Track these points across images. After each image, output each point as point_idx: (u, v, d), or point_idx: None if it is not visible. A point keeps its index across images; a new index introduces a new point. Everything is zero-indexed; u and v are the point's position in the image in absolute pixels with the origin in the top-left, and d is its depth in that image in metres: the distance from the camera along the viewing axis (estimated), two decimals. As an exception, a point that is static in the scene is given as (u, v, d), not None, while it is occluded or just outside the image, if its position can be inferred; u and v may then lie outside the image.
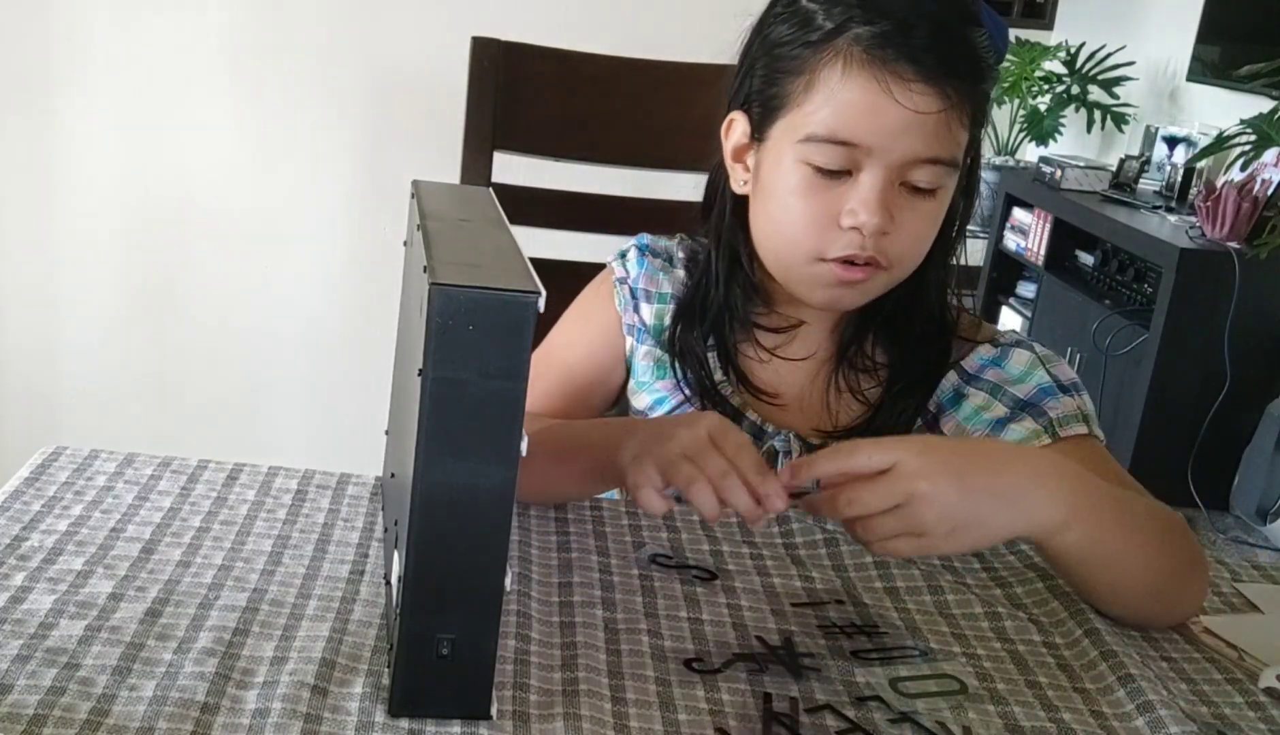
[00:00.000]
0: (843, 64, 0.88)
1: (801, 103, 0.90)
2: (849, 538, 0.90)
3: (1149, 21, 3.90)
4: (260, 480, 0.90)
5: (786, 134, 0.91)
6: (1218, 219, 2.96)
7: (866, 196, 0.88)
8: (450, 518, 0.60)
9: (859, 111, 0.87)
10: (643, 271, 1.04)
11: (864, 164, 0.88)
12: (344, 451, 2.48)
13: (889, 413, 0.98)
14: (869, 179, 0.88)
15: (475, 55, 1.29)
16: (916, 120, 0.87)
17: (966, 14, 0.91)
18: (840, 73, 0.88)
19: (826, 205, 0.90)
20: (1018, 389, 0.95)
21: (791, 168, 0.91)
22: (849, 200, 0.89)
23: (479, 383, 0.59)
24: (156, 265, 2.38)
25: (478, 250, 0.67)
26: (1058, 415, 0.93)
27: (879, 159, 0.88)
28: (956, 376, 0.98)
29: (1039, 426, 0.92)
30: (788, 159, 0.91)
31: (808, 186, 0.90)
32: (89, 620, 0.69)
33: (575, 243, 1.30)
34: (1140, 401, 3.04)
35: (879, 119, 0.87)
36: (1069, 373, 0.97)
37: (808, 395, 1.01)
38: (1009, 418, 0.94)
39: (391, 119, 2.31)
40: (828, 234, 0.90)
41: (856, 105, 0.87)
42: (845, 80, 0.88)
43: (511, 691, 0.66)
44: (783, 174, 0.92)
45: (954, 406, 0.98)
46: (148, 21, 2.22)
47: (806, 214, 0.91)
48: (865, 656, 0.74)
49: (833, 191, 0.90)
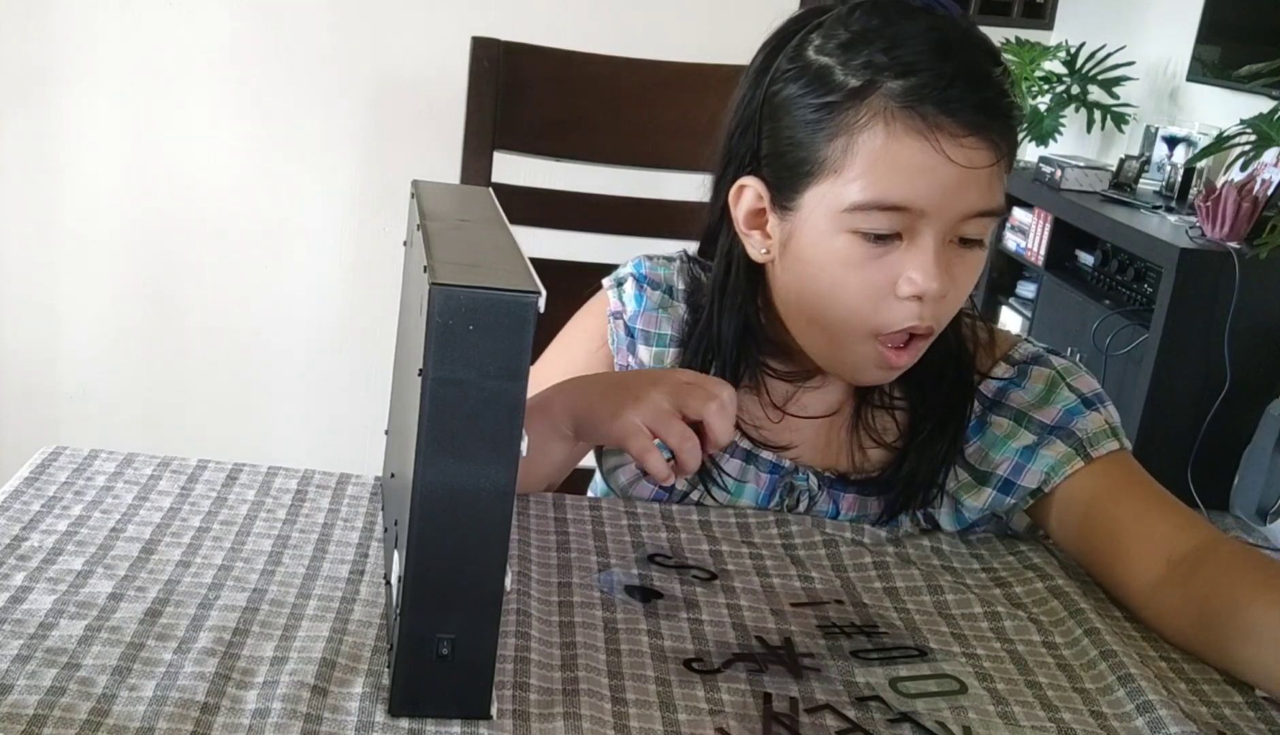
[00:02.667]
0: (884, 124, 0.82)
1: (840, 168, 0.84)
2: (848, 539, 0.90)
3: (1149, 21, 3.90)
4: (260, 480, 0.90)
5: (825, 201, 0.85)
6: (1218, 219, 2.96)
7: (925, 261, 0.83)
8: (450, 518, 0.60)
9: (911, 173, 0.82)
10: (641, 310, 1.00)
11: (918, 226, 0.83)
12: (344, 451, 2.48)
13: (917, 458, 0.93)
14: (926, 242, 0.83)
15: (475, 55, 1.29)
16: (971, 176, 0.82)
17: (989, 51, 0.86)
18: (884, 133, 0.82)
19: (881, 273, 0.84)
20: (1043, 414, 0.92)
21: (837, 238, 0.85)
22: (905, 266, 0.84)
23: (479, 383, 0.59)
24: (156, 265, 2.38)
25: (478, 250, 0.67)
26: (1087, 435, 0.90)
27: (934, 220, 0.83)
28: (977, 403, 0.94)
29: (1069, 448, 0.90)
30: (830, 229, 0.85)
31: (859, 256, 0.84)
32: (89, 620, 0.69)
33: (575, 243, 1.30)
34: (1140, 401, 3.04)
35: (934, 179, 0.82)
36: (1090, 383, 0.94)
37: (825, 441, 0.97)
38: (1038, 444, 0.91)
39: (391, 119, 2.31)
40: (884, 304, 0.85)
41: (908, 167, 0.82)
42: (890, 141, 0.82)
43: (511, 690, 0.66)
44: (827, 246, 0.85)
45: (977, 434, 0.94)
46: (148, 22, 2.22)
47: (862, 285, 0.85)
48: (865, 656, 0.74)
49: (886, 258, 0.84)
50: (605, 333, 1.01)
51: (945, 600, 0.83)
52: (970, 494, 0.93)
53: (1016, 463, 0.92)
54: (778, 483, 0.96)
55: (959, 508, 0.94)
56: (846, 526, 0.93)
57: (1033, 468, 0.91)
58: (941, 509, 0.94)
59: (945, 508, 0.94)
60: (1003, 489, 0.92)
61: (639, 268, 1.02)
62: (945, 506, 0.94)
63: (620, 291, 1.01)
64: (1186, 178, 3.38)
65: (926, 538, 0.92)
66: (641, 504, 0.94)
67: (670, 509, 0.93)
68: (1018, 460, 0.92)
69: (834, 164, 0.84)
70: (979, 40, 0.86)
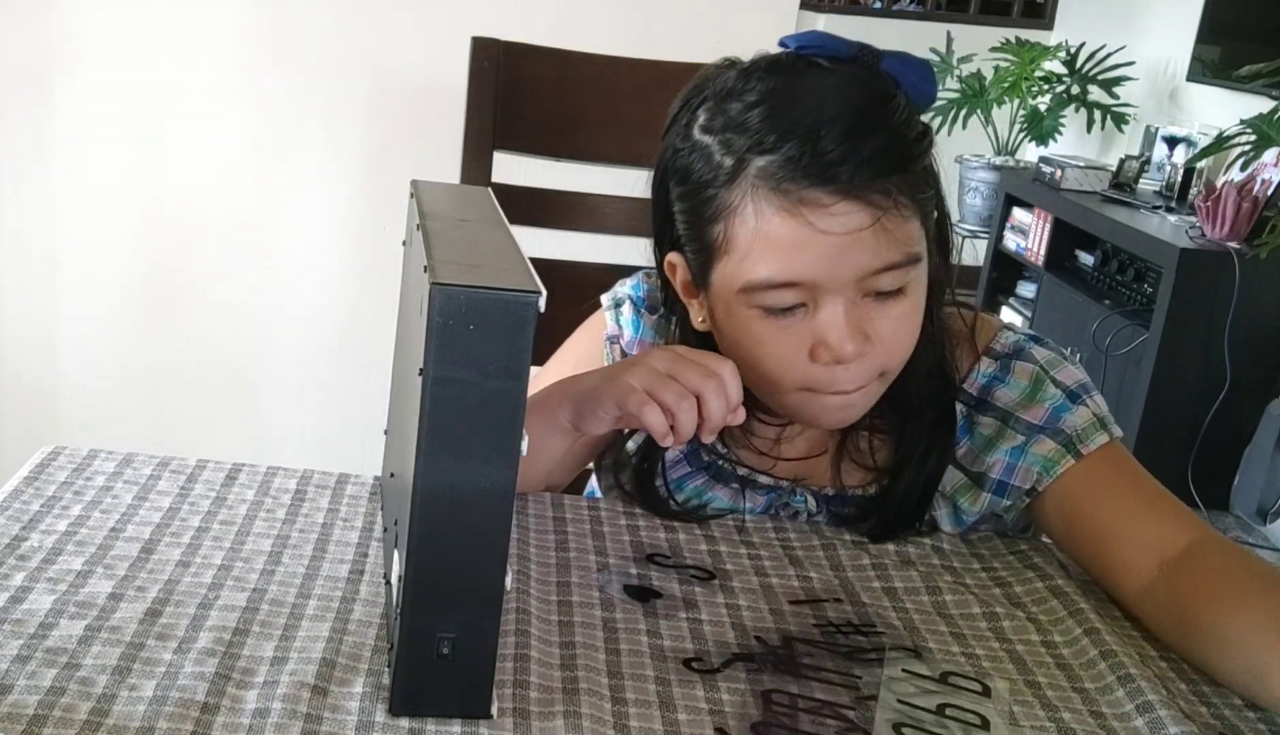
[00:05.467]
0: (752, 204, 0.80)
1: (728, 251, 0.83)
2: (847, 541, 0.90)
3: (1149, 21, 3.90)
4: (259, 480, 0.90)
5: (725, 281, 0.84)
6: (1218, 219, 2.96)
7: (835, 329, 0.82)
8: (450, 517, 0.60)
9: (788, 251, 0.80)
10: (638, 336, 0.99)
11: (819, 297, 0.81)
12: (343, 451, 2.47)
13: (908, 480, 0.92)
14: (829, 311, 0.82)
15: (475, 55, 1.29)
16: (852, 240, 0.79)
17: (876, 94, 0.82)
18: (753, 215, 0.80)
19: (795, 340, 0.83)
20: (1030, 414, 0.91)
21: (744, 315, 0.84)
22: (815, 333, 0.82)
23: (479, 383, 0.59)
24: (156, 265, 2.38)
25: (478, 250, 0.67)
26: (1076, 431, 0.89)
27: (830, 288, 0.81)
28: (962, 404, 0.93)
29: (1059, 446, 0.90)
30: (737, 307, 0.84)
31: (768, 331, 0.83)
32: (89, 620, 0.69)
33: (575, 243, 1.30)
34: (1140, 401, 3.04)
35: (810, 252, 0.79)
36: (1074, 374, 0.92)
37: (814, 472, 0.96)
38: (1026, 443, 0.91)
39: (391, 119, 2.31)
40: (807, 369, 0.84)
41: (782, 245, 0.80)
42: (760, 222, 0.80)
43: (512, 689, 0.66)
44: (738, 323, 0.85)
45: (966, 435, 0.93)
46: (148, 22, 2.22)
47: (779, 356, 0.84)
48: (864, 656, 0.74)
49: (795, 327, 0.83)
50: (601, 356, 1.00)
51: (944, 600, 0.83)
52: (966, 496, 0.93)
53: (1008, 463, 0.92)
54: (774, 501, 0.96)
55: (957, 510, 0.93)
56: (845, 530, 0.93)
57: (1024, 467, 0.91)
58: (940, 511, 0.94)
59: (944, 510, 0.94)
60: (997, 491, 0.92)
61: (637, 290, 1.01)
62: (944, 509, 0.94)
63: (618, 314, 1.00)
64: (1186, 178, 3.37)
65: (927, 537, 0.92)
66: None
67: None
68: (1009, 460, 0.92)
69: (721, 246, 0.83)
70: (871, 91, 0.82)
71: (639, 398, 0.82)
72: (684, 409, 0.81)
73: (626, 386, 0.84)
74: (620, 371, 0.86)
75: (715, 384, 0.82)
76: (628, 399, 0.83)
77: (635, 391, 0.83)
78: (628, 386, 0.83)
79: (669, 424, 0.82)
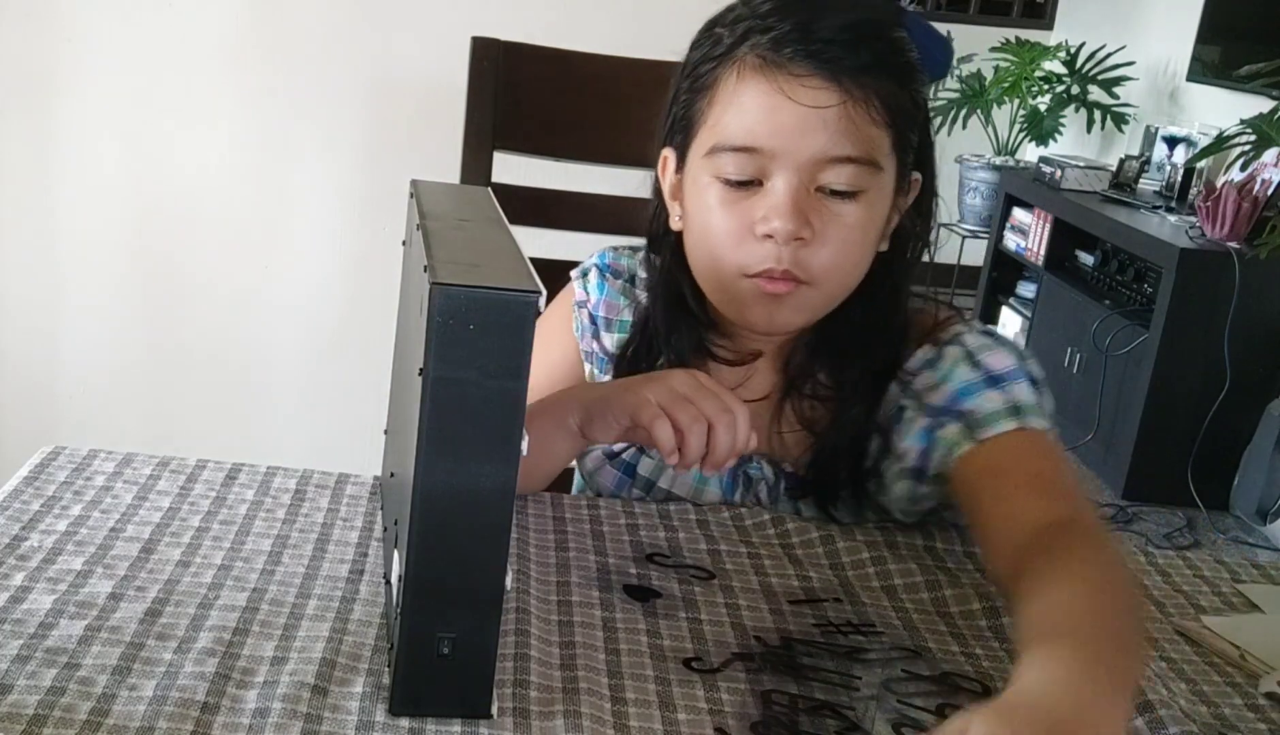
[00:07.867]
0: (738, 72, 0.87)
1: (707, 118, 0.89)
2: (845, 536, 0.90)
3: (1149, 21, 3.90)
4: (259, 480, 0.90)
5: (698, 153, 0.90)
6: (1218, 219, 2.96)
7: (776, 202, 0.86)
8: (450, 517, 0.60)
9: (756, 114, 0.86)
10: (603, 298, 1.02)
11: (772, 170, 0.86)
12: (343, 451, 2.47)
13: (833, 437, 0.93)
14: (779, 183, 0.86)
15: (475, 55, 1.29)
16: (816, 116, 0.84)
17: (880, 13, 0.89)
18: (736, 79, 0.87)
19: (741, 216, 0.88)
20: (934, 396, 0.90)
21: (706, 185, 0.89)
22: (761, 208, 0.87)
23: (479, 382, 0.59)
24: (156, 265, 2.38)
25: (478, 250, 0.67)
26: (978, 416, 0.88)
27: (786, 162, 0.86)
28: (898, 387, 0.93)
29: (960, 428, 0.88)
30: (703, 177, 0.90)
31: (721, 200, 0.88)
32: (89, 620, 0.69)
33: (575, 243, 1.30)
34: (1140, 401, 3.04)
35: (776, 119, 0.85)
36: (1003, 360, 0.90)
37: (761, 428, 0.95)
38: (933, 426, 0.90)
39: (391, 119, 2.31)
40: (745, 246, 0.88)
41: (752, 108, 0.86)
42: (739, 85, 0.87)
43: (512, 689, 0.66)
44: (699, 193, 0.90)
45: (897, 421, 0.92)
46: (148, 22, 2.22)
47: (723, 228, 0.89)
48: (864, 656, 0.74)
49: (746, 202, 0.88)
50: (570, 322, 1.03)
51: (944, 596, 0.83)
52: (900, 483, 0.92)
53: (920, 448, 0.91)
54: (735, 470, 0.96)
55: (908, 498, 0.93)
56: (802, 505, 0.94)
57: (930, 450, 0.90)
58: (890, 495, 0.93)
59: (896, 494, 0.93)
60: (915, 477, 0.91)
61: (603, 259, 1.05)
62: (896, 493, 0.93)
63: (585, 281, 1.04)
64: (1186, 178, 3.38)
65: (920, 536, 0.92)
66: (639, 504, 0.94)
67: (668, 508, 0.93)
68: (920, 446, 0.91)
69: (704, 115, 0.90)
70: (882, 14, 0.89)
71: (653, 411, 0.83)
72: (695, 432, 0.82)
73: (642, 399, 0.84)
74: (638, 384, 0.87)
75: (729, 419, 0.82)
76: (641, 411, 0.84)
77: (650, 405, 0.83)
78: (643, 399, 0.84)
79: (677, 443, 0.83)
